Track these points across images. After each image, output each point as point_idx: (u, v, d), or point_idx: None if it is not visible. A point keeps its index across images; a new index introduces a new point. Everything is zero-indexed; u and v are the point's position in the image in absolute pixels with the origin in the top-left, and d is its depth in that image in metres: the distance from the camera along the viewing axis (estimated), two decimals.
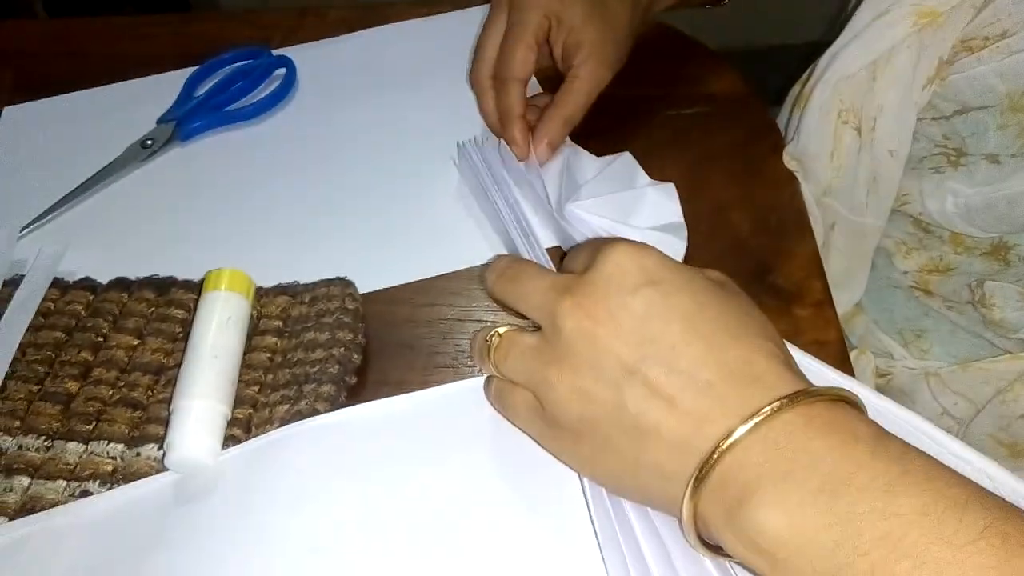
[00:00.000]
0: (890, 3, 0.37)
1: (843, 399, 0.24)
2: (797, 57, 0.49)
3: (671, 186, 0.37)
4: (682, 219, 0.36)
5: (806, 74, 0.43)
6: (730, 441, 0.23)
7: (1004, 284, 0.41)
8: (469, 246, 0.39)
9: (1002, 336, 0.43)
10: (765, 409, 0.23)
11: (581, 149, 0.42)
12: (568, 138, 0.42)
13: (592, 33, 0.40)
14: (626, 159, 0.39)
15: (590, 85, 0.40)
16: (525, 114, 0.41)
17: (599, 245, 0.27)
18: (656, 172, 0.42)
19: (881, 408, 0.27)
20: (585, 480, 0.28)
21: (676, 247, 0.35)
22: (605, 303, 0.26)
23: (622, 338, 0.25)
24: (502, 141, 0.41)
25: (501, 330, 0.29)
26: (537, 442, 0.30)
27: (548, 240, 0.38)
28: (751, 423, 0.23)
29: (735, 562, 0.25)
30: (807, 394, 0.23)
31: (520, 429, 0.30)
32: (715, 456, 0.23)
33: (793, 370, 0.25)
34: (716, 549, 0.25)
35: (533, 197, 0.39)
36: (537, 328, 0.28)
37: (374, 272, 0.38)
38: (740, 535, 0.22)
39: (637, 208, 0.36)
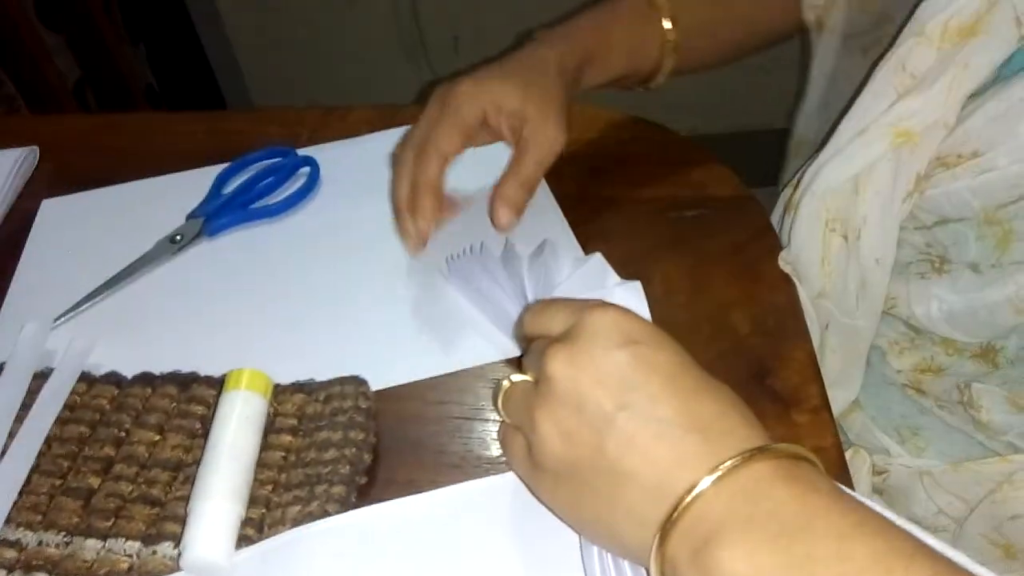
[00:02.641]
0: (868, 122, 0.39)
1: (804, 457, 0.26)
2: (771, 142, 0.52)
3: (637, 284, 0.38)
4: (648, 318, 0.37)
5: (795, 181, 0.45)
6: (698, 490, 0.25)
7: (991, 387, 0.42)
8: (478, 344, 0.41)
9: (991, 438, 0.43)
10: (727, 463, 0.25)
11: (564, 247, 0.43)
12: (550, 240, 0.42)
13: (533, 108, 0.43)
14: (596, 260, 0.40)
15: (542, 149, 0.43)
16: (440, 191, 0.43)
17: (582, 306, 0.30)
18: (658, 273, 0.44)
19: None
20: (588, 559, 0.29)
21: None
22: (590, 352, 0.28)
23: (605, 385, 0.27)
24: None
25: (514, 377, 0.31)
26: (526, 486, 0.32)
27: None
28: (717, 473, 0.25)
29: None
30: (772, 449, 0.26)
31: (515, 473, 0.33)
32: (685, 502, 0.25)
33: (759, 427, 0.27)
34: None
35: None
36: None
37: (387, 368, 0.40)
38: (703, 574, 0.24)
39: None
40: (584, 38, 0.47)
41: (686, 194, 0.49)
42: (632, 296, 0.39)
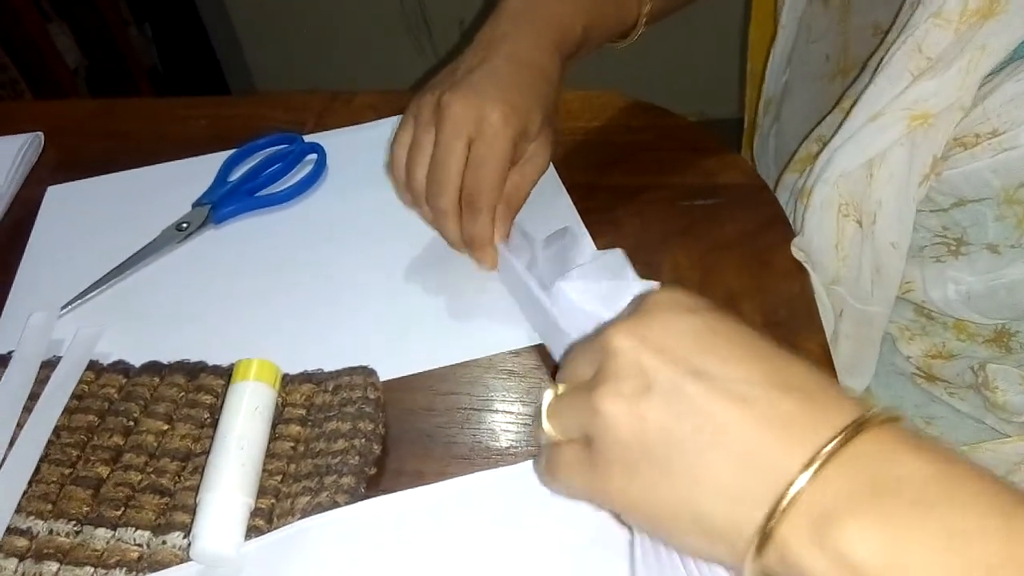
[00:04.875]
0: (883, 106, 0.39)
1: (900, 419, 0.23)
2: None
3: (656, 285, 0.37)
4: None
5: (799, 166, 0.44)
6: (818, 464, 0.21)
7: (1006, 367, 0.42)
8: (488, 334, 0.40)
9: (1004, 420, 0.43)
10: (842, 432, 0.22)
11: (582, 237, 0.41)
12: (570, 228, 0.42)
13: (541, 137, 0.41)
14: (617, 255, 0.39)
15: (539, 172, 0.41)
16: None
17: (640, 297, 0.28)
18: (668, 262, 0.44)
19: None
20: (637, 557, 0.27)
21: None
22: (656, 320, 0.25)
23: (675, 351, 0.24)
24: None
25: (559, 388, 0.28)
26: (591, 499, 0.28)
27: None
28: (834, 441, 0.21)
29: None
30: (883, 414, 0.22)
31: (569, 494, 0.29)
32: (804, 478, 0.21)
33: (855, 395, 0.25)
34: None
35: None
36: None
37: (396, 358, 0.39)
38: (830, 553, 0.21)
39: (621, 300, 0.37)
40: (571, 27, 0.42)
41: (697, 182, 0.48)
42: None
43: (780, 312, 0.41)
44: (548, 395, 0.28)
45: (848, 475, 0.21)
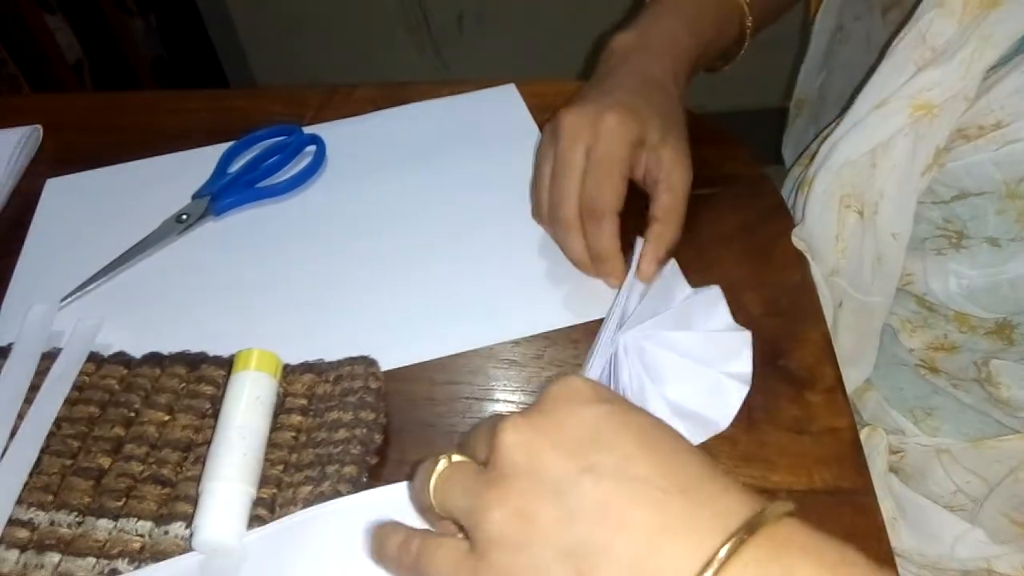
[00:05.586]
0: (887, 94, 0.38)
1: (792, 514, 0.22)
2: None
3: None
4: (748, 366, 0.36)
5: (806, 158, 0.44)
6: (712, 570, 0.20)
7: (1010, 363, 0.42)
8: (488, 324, 0.40)
9: (1009, 415, 0.43)
10: (732, 539, 0.20)
11: (723, 314, 0.39)
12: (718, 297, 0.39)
13: (671, 145, 0.40)
14: (740, 343, 0.37)
15: (684, 192, 0.41)
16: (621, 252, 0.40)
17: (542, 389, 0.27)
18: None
19: None
20: None
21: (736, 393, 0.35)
22: (552, 415, 0.24)
23: (568, 445, 0.23)
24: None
25: (454, 457, 0.26)
26: None
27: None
28: (726, 548, 0.20)
29: None
30: (772, 510, 0.21)
31: None
32: None
33: (748, 490, 0.23)
34: None
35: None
36: None
37: (396, 348, 0.39)
38: None
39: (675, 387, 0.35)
40: (686, 46, 0.43)
41: (699, 172, 0.48)
42: (740, 343, 0.36)
43: (782, 302, 0.41)
44: (441, 464, 0.26)
45: None
